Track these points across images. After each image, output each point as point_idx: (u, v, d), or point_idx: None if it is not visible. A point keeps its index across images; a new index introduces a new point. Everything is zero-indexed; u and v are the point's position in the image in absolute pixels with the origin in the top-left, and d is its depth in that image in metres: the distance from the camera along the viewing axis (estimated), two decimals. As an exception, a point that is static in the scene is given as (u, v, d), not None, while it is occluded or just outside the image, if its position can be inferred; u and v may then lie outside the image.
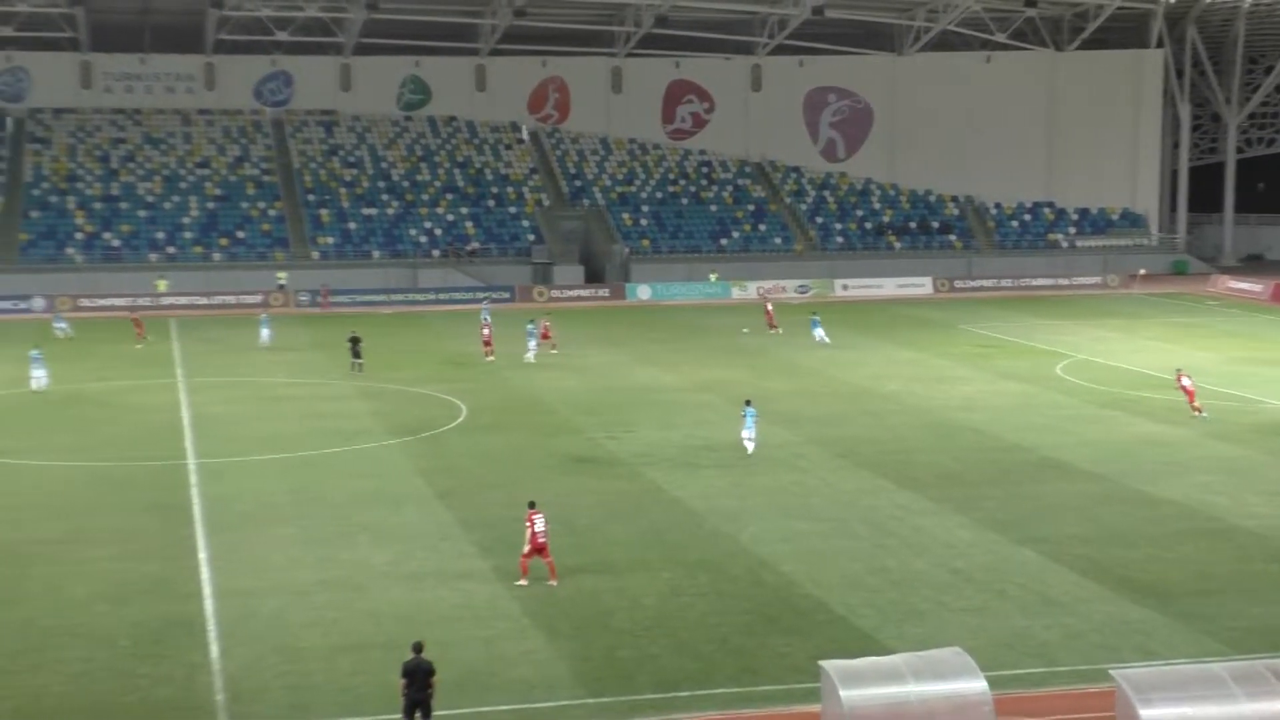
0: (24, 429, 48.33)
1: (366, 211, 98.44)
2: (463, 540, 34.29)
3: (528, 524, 30.77)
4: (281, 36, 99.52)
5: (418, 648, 23.35)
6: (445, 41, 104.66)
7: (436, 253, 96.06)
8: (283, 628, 28.04)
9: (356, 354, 59.67)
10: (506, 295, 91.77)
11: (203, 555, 33.02)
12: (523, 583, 30.48)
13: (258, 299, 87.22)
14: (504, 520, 35.79)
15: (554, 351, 65.48)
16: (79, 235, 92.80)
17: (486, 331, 64.87)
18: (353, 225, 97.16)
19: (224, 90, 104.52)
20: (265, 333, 68.49)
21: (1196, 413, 49.54)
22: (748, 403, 44.46)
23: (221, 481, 40.49)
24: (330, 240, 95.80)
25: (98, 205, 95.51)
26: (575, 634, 27.79)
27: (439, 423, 49.43)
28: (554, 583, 30.57)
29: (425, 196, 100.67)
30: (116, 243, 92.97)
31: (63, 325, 71.32)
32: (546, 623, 28.35)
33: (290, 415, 50.96)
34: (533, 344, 63.70)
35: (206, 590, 30.37)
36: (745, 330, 73.25)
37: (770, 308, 75.94)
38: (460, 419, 50.33)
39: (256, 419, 50.30)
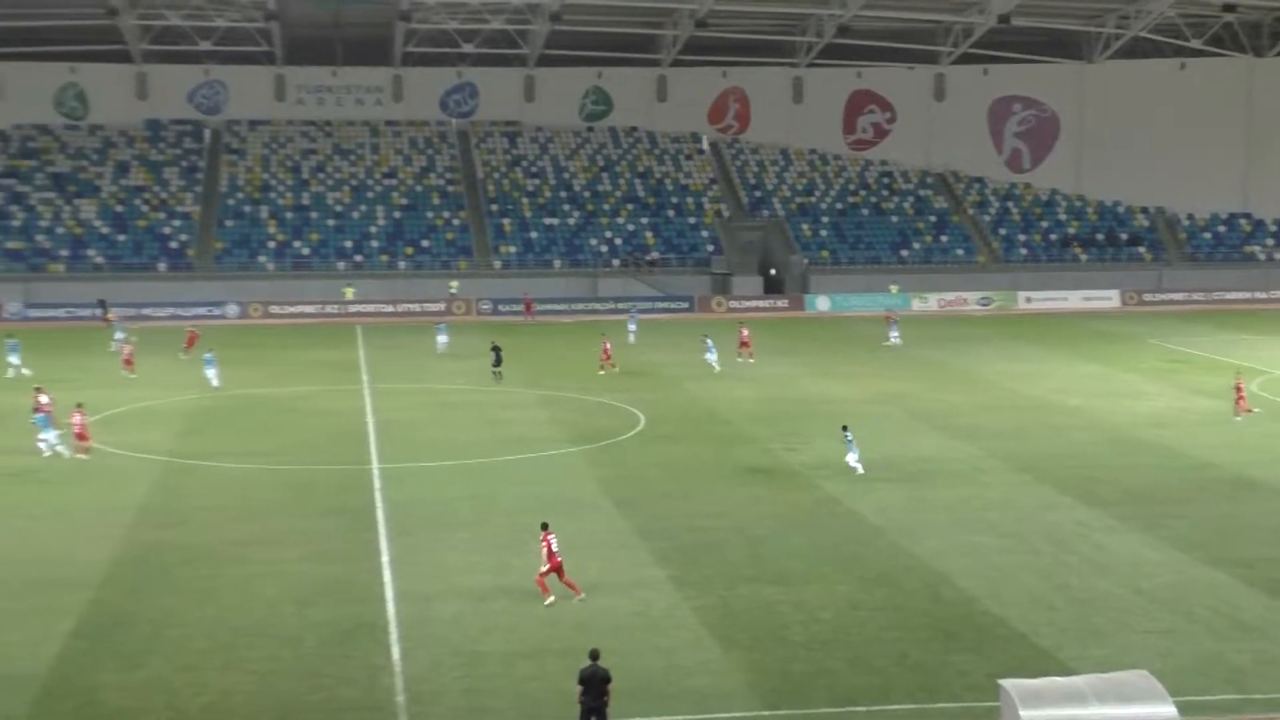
0: (218, 433, 49.74)
1: (548, 221, 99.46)
2: (640, 549, 34.37)
3: (543, 544, 30.39)
4: (467, 49, 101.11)
5: (594, 655, 23.47)
6: (627, 52, 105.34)
7: (616, 262, 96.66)
8: (462, 632, 28.35)
9: (497, 362, 60.34)
10: (685, 305, 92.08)
11: (385, 559, 33.59)
12: (550, 601, 29.97)
13: (440, 307, 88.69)
14: (681, 530, 35.92)
15: (750, 361, 65.56)
16: (271, 244, 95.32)
17: (609, 345, 64.55)
18: (534, 235, 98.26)
19: (411, 102, 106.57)
20: (441, 340, 69.63)
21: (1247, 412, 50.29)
22: (845, 428, 43.47)
23: (404, 486, 41.16)
24: (512, 249, 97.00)
25: (289, 214, 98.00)
26: (752, 645, 27.66)
27: (617, 431, 49.70)
28: (582, 595, 30.32)
29: (606, 206, 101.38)
30: (306, 251, 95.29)
31: (120, 336, 71.47)
32: (723, 633, 28.27)
33: (471, 422, 51.65)
34: (712, 355, 63.48)
35: (388, 593, 30.86)
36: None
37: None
38: (638, 428, 50.54)
39: (438, 425, 51.07)
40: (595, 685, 23.02)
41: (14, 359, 62.84)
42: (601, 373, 62.22)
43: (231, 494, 40.16)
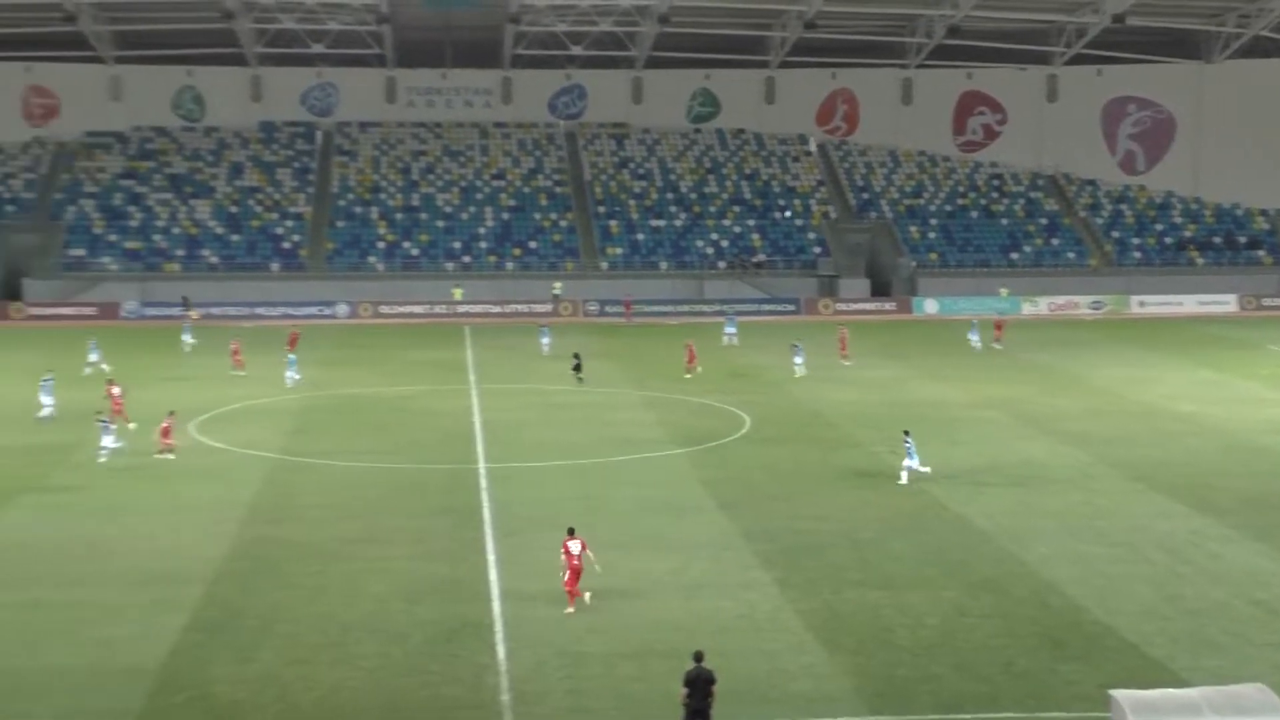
0: (327, 431, 50.34)
1: (655, 223, 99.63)
2: (745, 551, 34.27)
3: (564, 552, 29.91)
4: (576, 51, 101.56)
5: (698, 657, 23.44)
6: (735, 54, 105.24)
7: (722, 264, 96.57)
8: (566, 632, 28.40)
9: (577, 367, 60.12)
10: (791, 308, 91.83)
11: (491, 558, 33.78)
12: (570, 611, 29.47)
13: (548, 308, 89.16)
14: (786, 532, 35.79)
15: (846, 364, 65.25)
16: (380, 244, 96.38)
17: (693, 347, 64.22)
18: (641, 236, 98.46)
19: (520, 104, 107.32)
20: (545, 341, 69.88)
21: None
22: (906, 433, 42.48)
23: (510, 486, 41.37)
24: (619, 251, 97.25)
25: (399, 215, 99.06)
26: (856, 649, 27.48)
27: (722, 433, 49.63)
28: (573, 609, 29.53)
29: (712, 208, 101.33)
30: (415, 252, 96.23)
31: (189, 339, 72.18)
32: (827, 637, 28.11)
33: (576, 423, 51.81)
34: (800, 359, 62.71)
35: (494, 592, 31.03)
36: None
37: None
38: (744, 430, 50.44)
39: (544, 426, 51.31)
40: (700, 687, 22.97)
41: (93, 357, 62.84)
42: (687, 376, 61.73)
43: (341, 492, 40.59)
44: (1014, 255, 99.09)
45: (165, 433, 44.54)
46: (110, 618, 29.03)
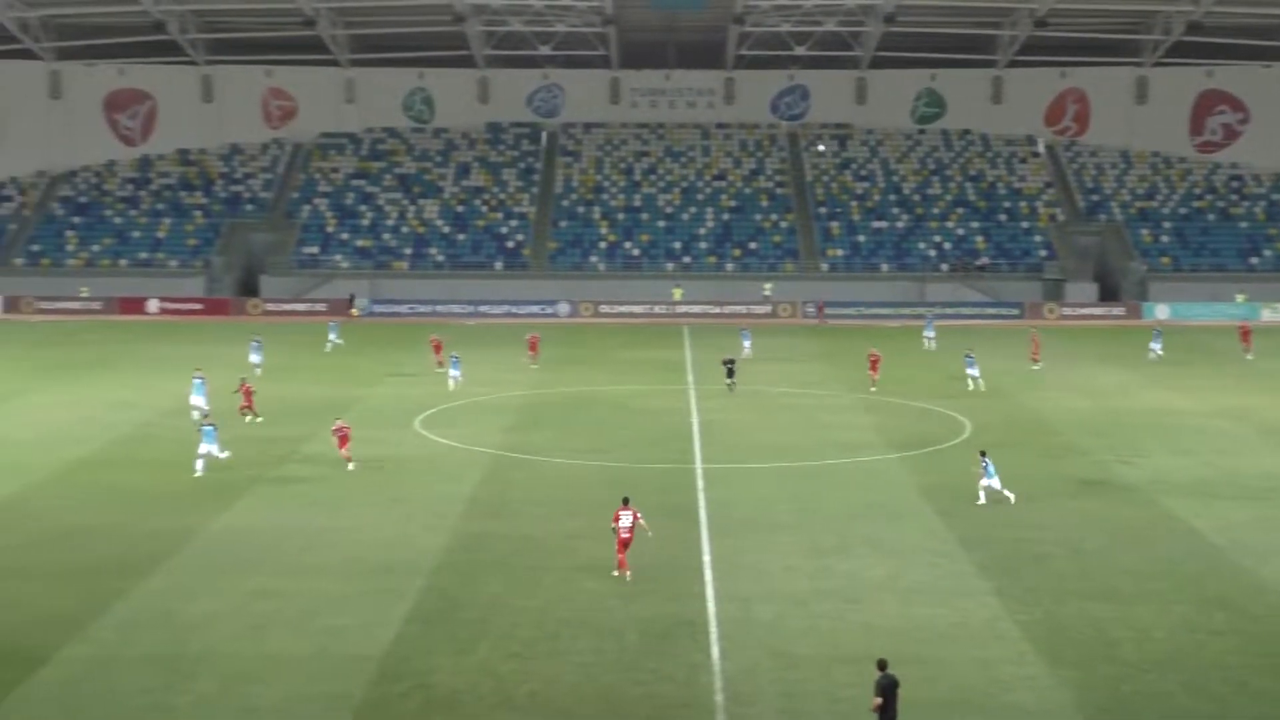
0: (546, 428, 50.92)
1: (876, 225, 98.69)
2: (961, 559, 33.67)
3: (614, 520, 31.76)
4: (799, 51, 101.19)
5: (883, 665, 23.19)
6: (962, 54, 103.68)
7: (945, 267, 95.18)
8: (780, 634, 28.24)
9: (730, 374, 58.44)
10: (1015, 312, 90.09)
11: (706, 558, 33.73)
12: (616, 574, 31.50)
13: (766, 309, 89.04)
14: (1005, 540, 35.07)
15: (1035, 367, 63.83)
16: (602, 244, 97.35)
17: (876, 356, 60.82)
18: (861, 238, 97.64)
19: (742, 104, 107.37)
20: (746, 345, 69.26)
21: None
22: (983, 454, 40.08)
23: (726, 486, 41.32)
24: (839, 253, 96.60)
25: (620, 215, 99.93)
26: (1078, 662, 26.73)
27: (941, 439, 48.91)
28: (625, 574, 31.52)
29: (935, 210, 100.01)
30: (636, 252, 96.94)
31: (335, 338, 72.23)
32: (1048, 648, 27.41)
33: (792, 425, 51.60)
34: (974, 370, 59.67)
35: (709, 592, 30.96)
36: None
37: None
38: (963, 435, 49.62)
39: (760, 427, 51.18)
40: (892, 693, 22.74)
41: (255, 358, 62.64)
42: (873, 389, 59.15)
43: (559, 488, 40.97)
44: (1254, 260, 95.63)
45: (342, 441, 43.53)
46: (335, 606, 29.71)
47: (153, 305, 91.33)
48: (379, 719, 24.09)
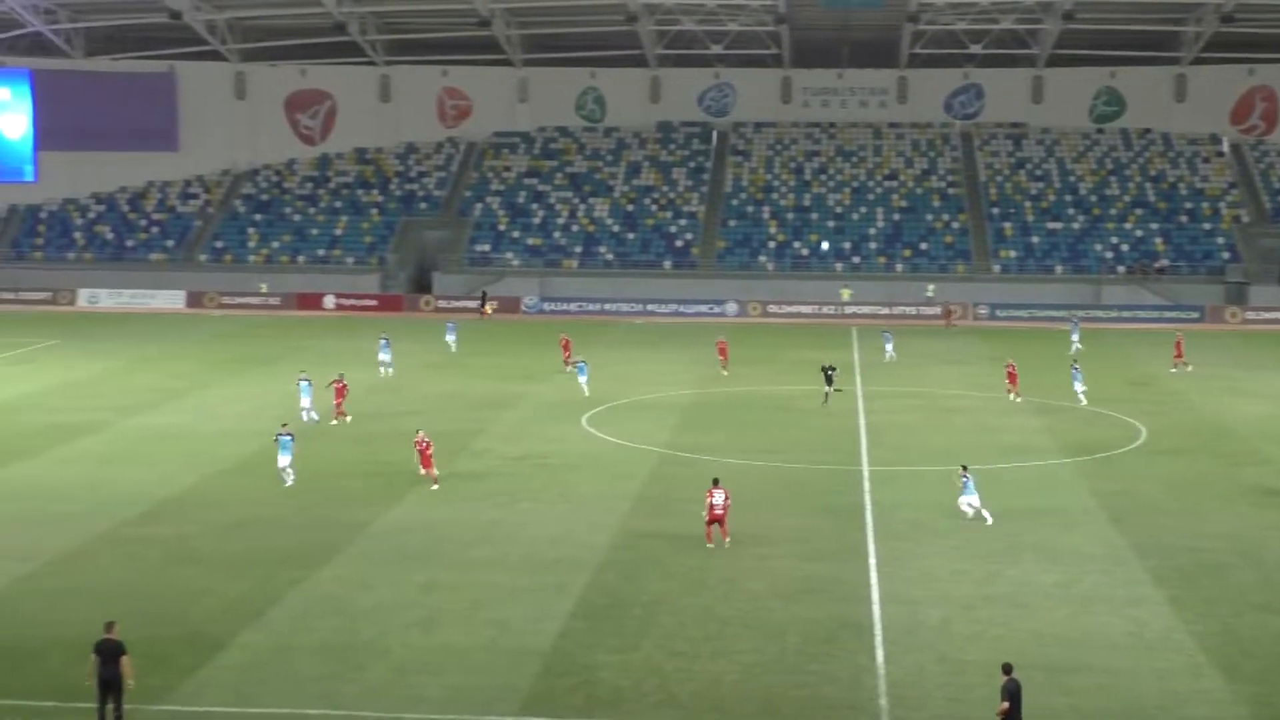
0: (712, 428, 50.92)
1: (1051, 226, 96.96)
2: (1136, 566, 33.01)
3: (708, 496, 34.14)
4: (974, 49, 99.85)
5: (1008, 669, 22.91)
6: (1143, 51, 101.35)
7: (1122, 269, 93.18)
8: (946, 639, 27.97)
9: (829, 381, 55.93)
10: (1195, 315, 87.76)
11: (872, 560, 33.53)
12: (710, 545, 33.96)
13: (936, 311, 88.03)
14: (1181, 549, 34.36)
15: (1188, 369, 62.19)
16: (771, 244, 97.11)
17: (1014, 368, 57.83)
18: (1035, 239, 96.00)
19: (915, 103, 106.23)
20: (888, 348, 68.23)
21: None
22: (964, 468, 38.17)
23: (893, 489, 41.04)
24: (1012, 254, 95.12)
25: (790, 215, 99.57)
26: (1259, 677, 26.06)
27: (1116, 444, 47.93)
28: (727, 541, 34.16)
29: (1113, 211, 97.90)
30: (805, 251, 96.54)
31: (452, 340, 71.18)
32: (1226, 662, 26.78)
33: (963, 428, 51.02)
34: (1079, 385, 56.37)
35: (874, 595, 30.78)
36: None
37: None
38: (1139, 441, 48.60)
39: (928, 430, 50.74)
40: (1018, 699, 22.52)
41: (384, 356, 62.16)
42: (1015, 399, 56.24)
43: (728, 487, 40.98)
44: None
45: (424, 459, 41.00)
46: (504, 600, 30.12)
47: (329, 301, 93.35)
48: (544, 712, 24.31)
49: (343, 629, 28.26)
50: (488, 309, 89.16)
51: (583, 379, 57.45)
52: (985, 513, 36.72)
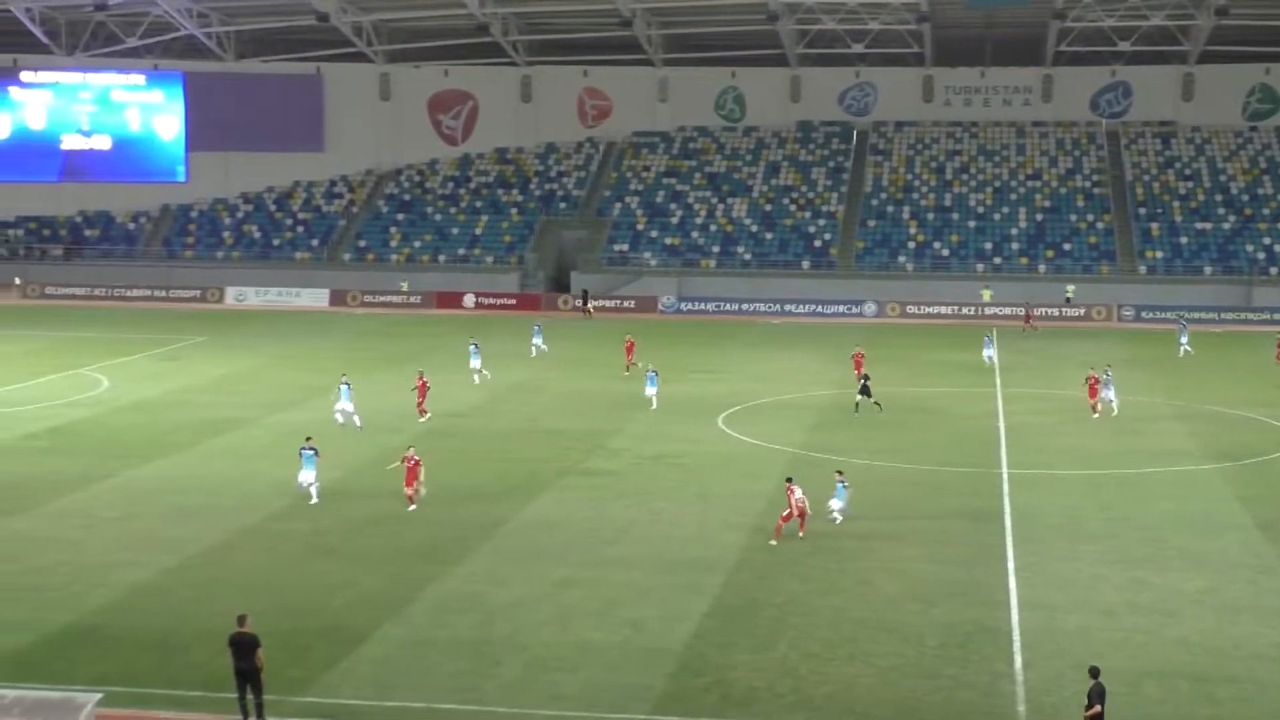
0: (849, 428, 50.69)
1: (1200, 226, 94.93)
2: (1286, 575, 32.32)
3: (788, 492, 34.58)
4: (1123, 47, 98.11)
5: (1095, 672, 22.85)
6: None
7: (1274, 271, 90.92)
8: (1087, 645, 27.56)
9: (865, 391, 53.64)
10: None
11: (1010, 565, 33.19)
12: (773, 543, 34.14)
13: (1079, 312, 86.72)
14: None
15: None
16: (910, 244, 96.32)
17: (1095, 379, 54.01)
18: (1184, 240, 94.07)
19: (1060, 102, 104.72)
20: (987, 352, 66.60)
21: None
22: (839, 472, 37.70)
23: (1032, 492, 40.58)
24: (1159, 254, 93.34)
25: (930, 215, 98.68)
26: None
27: (1265, 449, 46.89)
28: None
29: (1266, 211, 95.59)
30: (945, 252, 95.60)
31: (539, 342, 69.30)
32: (1374, 675, 26.06)
33: (1103, 431, 50.21)
34: (1111, 393, 52.98)
35: (1012, 600, 30.47)
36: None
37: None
38: (1290, 447, 47.55)
39: (1068, 433, 50.04)
40: (1104, 702, 22.40)
41: (475, 362, 61.27)
42: (1095, 415, 52.49)
43: (859, 489, 40.42)
44: None
45: (409, 476, 38.21)
46: (638, 599, 30.28)
47: (469, 300, 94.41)
48: (679, 712, 24.42)
49: (479, 624, 28.57)
50: (590, 308, 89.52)
51: (651, 390, 54.06)
52: (837, 515, 36.46)
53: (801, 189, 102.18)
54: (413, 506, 37.82)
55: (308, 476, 38.77)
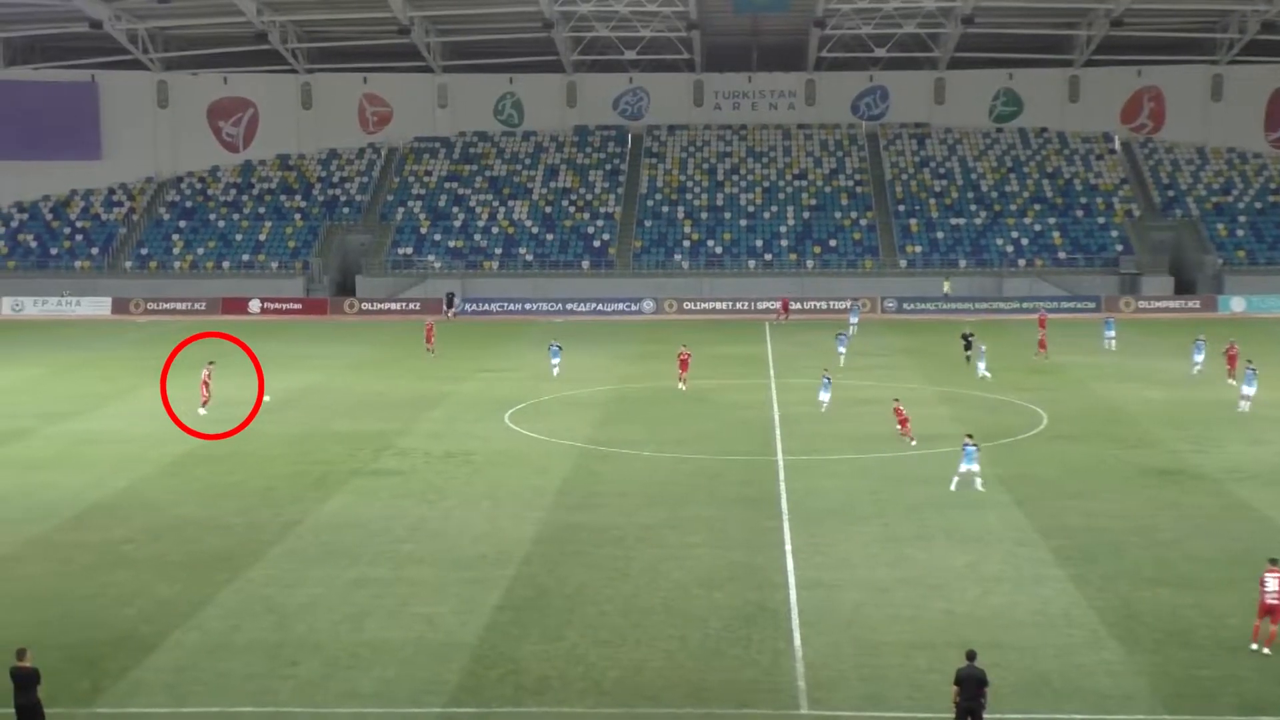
0: (632, 422, 51.63)
1: (954, 221, 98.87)
2: (1040, 547, 34.10)
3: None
4: (879, 53, 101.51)
5: (971, 656, 23.45)
6: (1038, 53, 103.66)
7: (1023, 262, 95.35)
8: (861, 621, 28.66)
9: (968, 345, 58.00)
10: (1092, 305, 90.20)
11: (788, 547, 34.24)
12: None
13: (844, 305, 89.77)
14: (1082, 529, 35.49)
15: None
16: (685, 243, 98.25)
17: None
18: (940, 235, 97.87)
19: (823, 105, 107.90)
20: (841, 347, 68.12)
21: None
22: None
23: (806, 477, 41.84)
24: (918, 249, 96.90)
25: (703, 215, 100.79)
26: (1155, 648, 27.07)
27: (1019, 429, 49.27)
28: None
29: (1013, 207, 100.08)
30: (719, 250, 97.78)
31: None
32: (1125, 634, 27.78)
33: (873, 417, 51.84)
34: (982, 363, 60.65)
35: (790, 581, 31.45)
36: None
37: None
38: (1040, 427, 49.98)
39: (841, 420, 51.55)
40: (971, 686, 22.96)
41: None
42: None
43: (643, 480, 41.57)
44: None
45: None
46: (431, 595, 30.51)
47: (254, 305, 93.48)
48: (473, 703, 24.67)
49: (275, 627, 28.47)
50: (450, 312, 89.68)
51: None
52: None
53: (580, 191, 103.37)
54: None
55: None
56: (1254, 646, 27.00)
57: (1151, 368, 64.22)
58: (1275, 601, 26.82)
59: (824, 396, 52.35)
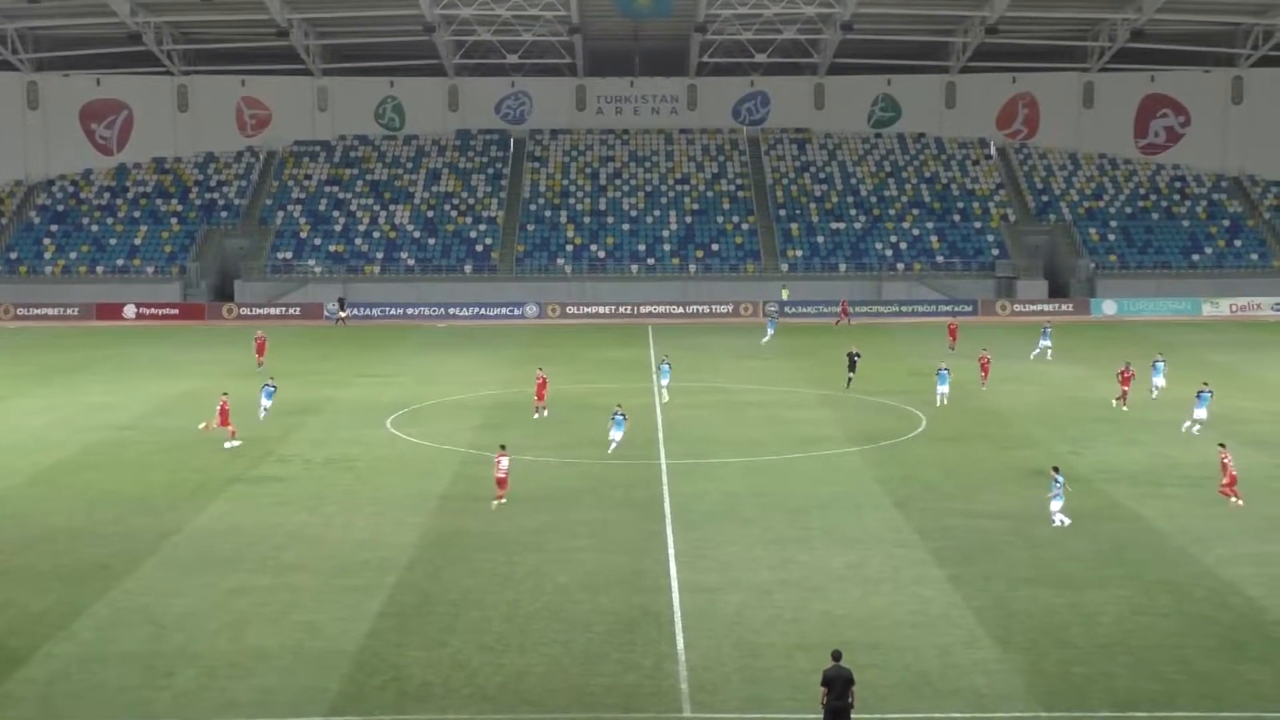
0: (515, 426, 51.41)
1: (834, 226, 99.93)
2: (919, 548, 34.56)
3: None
4: (760, 58, 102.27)
5: (837, 656, 23.67)
6: (916, 60, 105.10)
7: (901, 266, 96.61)
8: (743, 624, 28.87)
9: (852, 366, 59.10)
10: (969, 309, 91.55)
11: (671, 551, 34.41)
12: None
13: (728, 308, 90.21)
14: (960, 530, 36.02)
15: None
16: (568, 247, 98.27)
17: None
18: (820, 239, 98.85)
19: (705, 110, 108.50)
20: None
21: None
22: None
23: (690, 481, 42.09)
24: (799, 253, 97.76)
25: (586, 219, 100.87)
26: (1029, 647, 27.53)
27: (899, 432, 49.92)
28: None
29: (892, 211, 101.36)
30: (601, 254, 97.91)
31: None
32: (1001, 633, 28.23)
33: (756, 421, 52.41)
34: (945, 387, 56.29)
35: (674, 584, 31.60)
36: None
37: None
38: (920, 429, 50.67)
39: (724, 423, 51.97)
40: (838, 686, 23.17)
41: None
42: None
43: (527, 485, 41.39)
44: (1195, 257, 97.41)
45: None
46: (313, 602, 30.27)
47: (129, 311, 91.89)
48: (355, 711, 24.52)
49: (150, 637, 28.07)
50: (343, 314, 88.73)
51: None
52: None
53: (462, 195, 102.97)
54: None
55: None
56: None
57: (1027, 369, 65.24)
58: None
59: (615, 435, 46.21)
